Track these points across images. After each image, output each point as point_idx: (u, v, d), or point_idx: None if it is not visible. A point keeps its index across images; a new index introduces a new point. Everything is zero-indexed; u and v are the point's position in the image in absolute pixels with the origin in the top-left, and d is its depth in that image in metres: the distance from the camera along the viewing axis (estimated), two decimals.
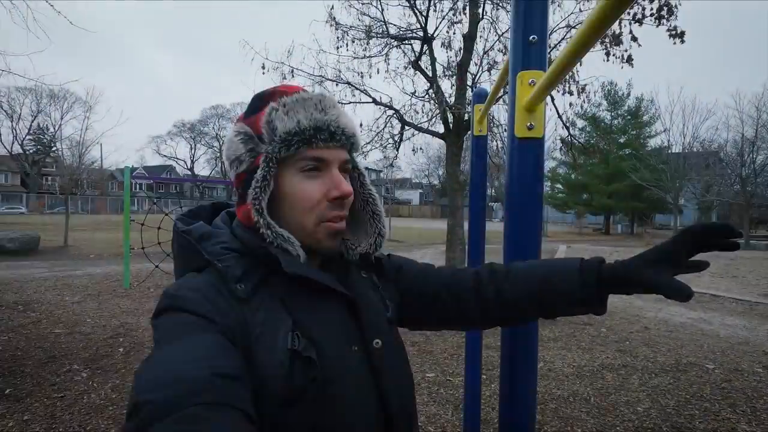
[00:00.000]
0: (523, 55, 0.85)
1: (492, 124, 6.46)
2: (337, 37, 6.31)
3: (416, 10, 5.91)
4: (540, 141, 0.87)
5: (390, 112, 6.34)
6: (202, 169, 57.09)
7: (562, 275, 0.67)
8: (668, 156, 24.09)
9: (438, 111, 5.97)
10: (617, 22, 5.56)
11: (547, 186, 32.32)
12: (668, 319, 5.45)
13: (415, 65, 6.12)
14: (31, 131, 40.13)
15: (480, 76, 6.22)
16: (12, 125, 37.37)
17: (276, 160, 0.60)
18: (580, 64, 5.85)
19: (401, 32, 6.25)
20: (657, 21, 5.29)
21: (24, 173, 41.38)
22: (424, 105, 6.51)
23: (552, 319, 5.16)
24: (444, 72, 6.41)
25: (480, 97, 1.51)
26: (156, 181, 45.06)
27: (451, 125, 5.86)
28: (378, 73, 6.55)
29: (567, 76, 5.86)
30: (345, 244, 0.70)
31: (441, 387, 3.17)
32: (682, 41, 5.34)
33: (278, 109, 0.61)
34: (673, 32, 5.28)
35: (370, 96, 6.24)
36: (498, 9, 5.93)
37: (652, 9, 5.28)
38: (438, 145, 35.74)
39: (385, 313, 0.71)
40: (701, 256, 0.59)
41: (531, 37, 0.84)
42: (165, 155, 56.16)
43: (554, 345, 4.25)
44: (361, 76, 6.40)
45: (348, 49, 6.33)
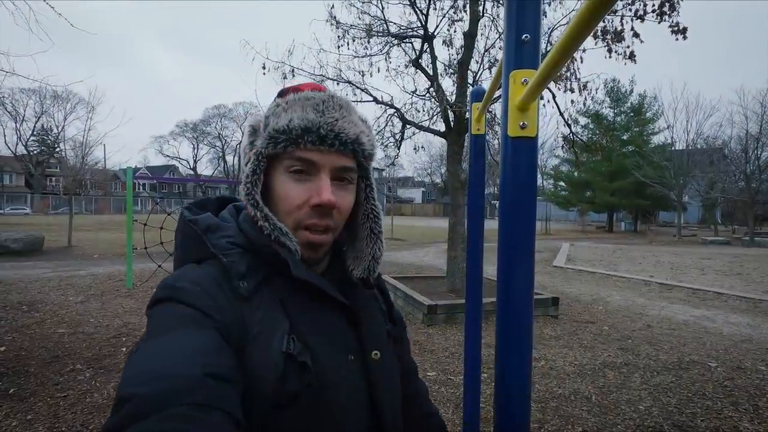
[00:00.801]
0: (515, 54, 0.85)
1: (493, 122, 6.44)
2: (338, 36, 6.30)
3: (417, 9, 5.89)
4: (533, 140, 0.87)
5: (391, 110, 6.34)
6: (205, 169, 57.29)
7: None
8: (672, 153, 23.97)
9: (439, 109, 5.96)
10: (619, 19, 5.54)
11: (550, 184, 32.23)
12: (671, 317, 5.42)
13: (416, 64, 6.11)
14: (34, 132, 40.33)
15: (481, 74, 6.20)
16: (16, 126, 37.54)
17: (264, 156, 0.60)
18: (581, 61, 5.82)
19: (402, 31, 6.24)
20: (659, 17, 5.25)
21: (28, 174, 41.60)
22: (425, 103, 6.51)
23: (554, 317, 5.15)
24: (445, 70, 6.39)
25: (477, 95, 1.50)
26: (159, 181, 45.25)
27: (452, 123, 5.84)
28: (379, 71, 6.54)
29: (569, 74, 5.84)
30: (345, 264, 0.69)
31: (442, 386, 3.17)
32: (685, 37, 5.30)
33: (279, 105, 0.61)
34: (675, 28, 5.25)
35: (371, 95, 6.23)
36: (499, 6, 5.90)
37: (653, 5, 5.25)
38: (440, 143, 35.71)
39: (385, 325, 0.71)
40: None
41: (524, 36, 0.83)
42: (168, 155, 56.39)
43: (556, 343, 4.24)
44: (362, 75, 6.39)
45: (349, 48, 6.33)
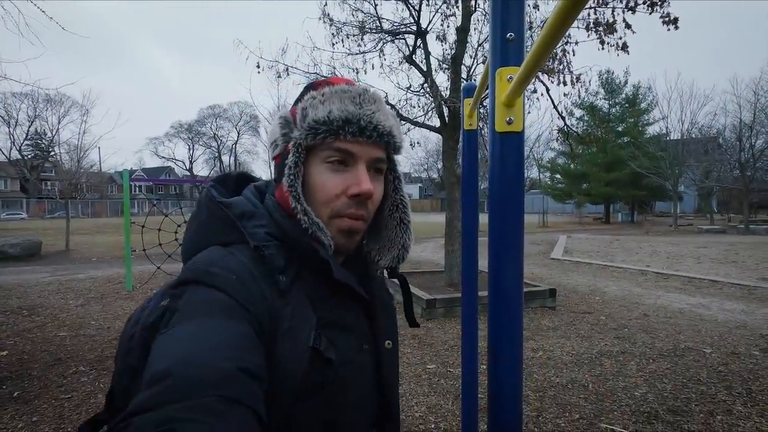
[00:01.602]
0: (501, 52, 0.88)
1: (487, 117, 6.47)
2: (332, 34, 6.30)
3: (409, 5, 5.90)
4: (520, 134, 0.90)
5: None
6: (201, 170, 57.13)
7: None
8: (667, 143, 24.07)
9: (434, 105, 5.98)
10: (611, 10, 5.55)
11: (546, 176, 32.31)
12: (667, 306, 5.49)
13: (410, 60, 6.12)
14: (28, 136, 40.14)
15: (475, 68, 6.23)
16: (9, 131, 37.38)
17: (303, 147, 0.60)
18: (573, 54, 5.85)
19: (395, 27, 6.24)
20: (650, 8, 5.28)
21: (23, 179, 41.39)
22: (419, 99, 6.52)
23: (552, 308, 5.20)
24: (439, 65, 6.41)
25: (469, 91, 1.53)
26: (155, 183, 45.05)
27: (446, 119, 5.87)
28: (373, 68, 6.55)
29: (561, 67, 5.86)
30: (368, 253, 0.70)
31: (441, 378, 3.22)
32: (676, 27, 5.33)
33: (316, 97, 0.61)
34: (667, 19, 5.27)
35: None
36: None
37: None
38: (436, 138, 35.68)
39: (396, 315, 0.74)
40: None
41: (508, 34, 0.86)
42: (163, 157, 56.22)
43: (553, 334, 4.30)
44: (356, 73, 6.40)
45: (344, 45, 6.33)
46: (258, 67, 6.13)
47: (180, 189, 52.76)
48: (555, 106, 6.21)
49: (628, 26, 5.55)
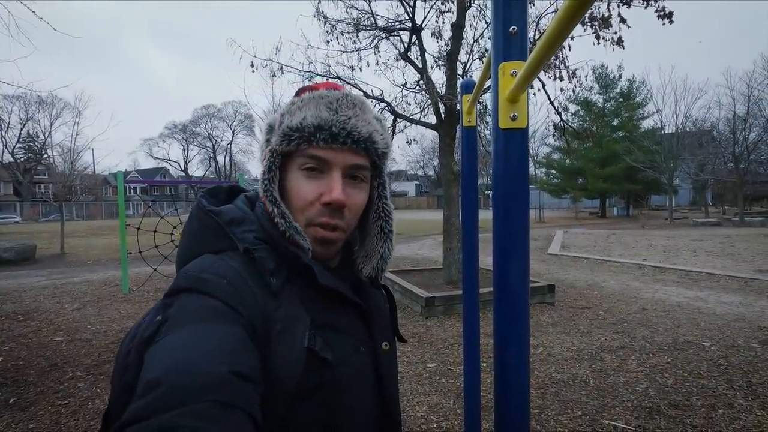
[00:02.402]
0: (504, 46, 0.85)
1: (485, 113, 6.45)
2: (326, 31, 6.26)
3: (404, 1, 5.86)
4: (524, 131, 0.88)
5: (382, 105, 6.32)
6: (196, 170, 56.83)
7: None
8: (661, 137, 24.17)
9: (430, 102, 5.95)
10: (606, 5, 5.54)
11: (542, 172, 32.37)
12: (665, 299, 5.51)
13: (405, 57, 6.09)
14: (20, 139, 39.76)
15: (471, 65, 6.20)
16: (1, 134, 37.02)
17: (279, 153, 0.61)
18: (569, 49, 5.83)
19: (390, 24, 6.21)
20: (645, 2, 5.27)
21: (16, 182, 41.04)
22: (415, 96, 6.49)
23: (551, 304, 5.20)
24: (435, 62, 6.38)
25: (467, 87, 1.50)
26: (150, 184, 44.78)
27: (443, 116, 5.84)
28: (368, 66, 6.52)
29: (557, 62, 5.85)
30: (356, 260, 0.70)
31: (442, 377, 3.21)
32: (671, 21, 5.33)
33: (295, 104, 0.62)
34: (662, 13, 5.27)
35: (360, 90, 6.20)
36: None
37: None
38: (432, 136, 35.64)
39: (390, 318, 0.73)
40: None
41: (511, 28, 0.84)
42: (158, 158, 55.85)
43: (553, 330, 4.29)
44: (352, 70, 6.36)
45: (338, 42, 6.29)
46: (252, 66, 6.08)
47: (175, 190, 52.51)
48: (551, 102, 6.20)
49: (623, 20, 5.55)
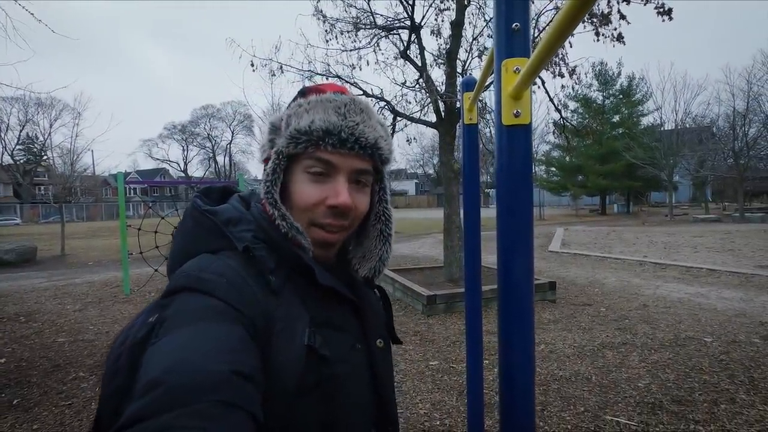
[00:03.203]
0: (506, 43, 0.85)
1: (484, 111, 6.45)
2: (326, 30, 6.25)
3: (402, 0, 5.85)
4: (527, 127, 0.88)
5: (381, 103, 6.31)
6: (196, 171, 56.82)
7: None
8: (661, 133, 24.16)
9: (429, 100, 5.95)
10: (606, 1, 5.53)
11: (542, 170, 32.38)
12: (666, 296, 5.51)
13: (405, 55, 6.08)
14: (20, 141, 39.73)
15: (470, 62, 6.19)
16: (1, 136, 37.00)
17: (285, 155, 0.61)
18: (570, 46, 5.82)
19: (389, 22, 6.20)
20: None
21: (16, 184, 41.03)
22: (415, 95, 6.49)
23: (552, 301, 5.21)
24: (434, 60, 6.37)
25: (468, 85, 1.50)
26: (150, 185, 44.82)
27: (443, 114, 5.84)
28: (368, 64, 6.50)
29: (557, 59, 5.84)
30: (351, 260, 0.72)
31: (445, 374, 3.21)
32: (670, 18, 5.32)
33: (302, 105, 0.62)
34: (661, 9, 5.26)
35: (360, 89, 6.19)
36: None
37: None
38: (431, 134, 35.66)
39: (384, 315, 0.74)
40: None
41: (514, 24, 0.84)
42: (157, 158, 55.86)
43: (555, 327, 4.30)
44: (351, 69, 6.35)
45: (338, 41, 6.28)
46: (252, 65, 6.07)
47: (175, 190, 52.47)
48: (551, 99, 6.20)
49: (622, 17, 5.54)
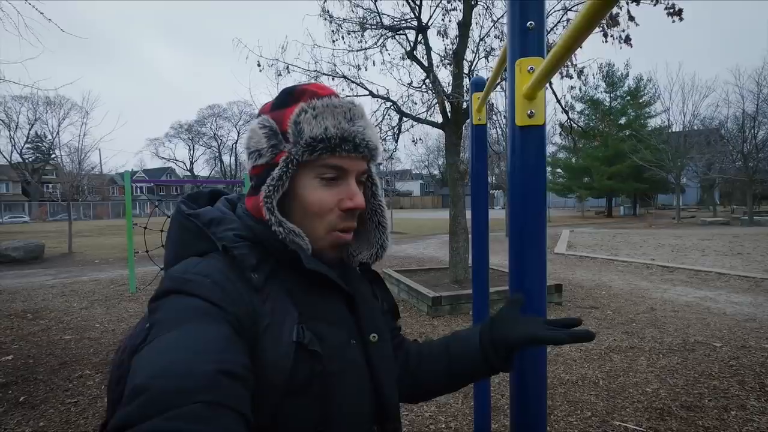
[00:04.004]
0: (520, 41, 0.84)
1: (491, 112, 6.41)
2: (332, 31, 6.24)
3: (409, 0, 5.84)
4: (541, 128, 0.87)
5: (387, 104, 6.30)
6: (202, 170, 57.18)
7: (466, 358, 0.73)
8: (669, 135, 23.94)
9: (436, 101, 5.92)
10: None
11: (548, 171, 32.19)
12: (674, 299, 5.45)
13: (411, 55, 6.06)
14: (29, 140, 40.19)
15: (477, 63, 6.17)
16: (10, 134, 37.42)
17: (297, 162, 0.61)
18: (580, 48, 5.78)
19: (395, 22, 6.18)
20: (654, 0, 5.21)
21: (25, 182, 41.49)
22: (422, 95, 6.46)
23: (558, 304, 5.17)
24: (441, 61, 6.35)
25: (478, 85, 1.49)
26: (156, 184, 45.15)
27: (449, 114, 5.81)
28: (374, 65, 6.49)
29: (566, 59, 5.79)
30: (348, 249, 0.71)
31: None
32: (681, 19, 5.26)
33: (307, 111, 0.61)
34: (671, 10, 5.20)
35: (366, 89, 6.18)
36: None
37: None
38: (437, 135, 35.60)
39: (380, 307, 0.73)
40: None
41: (528, 23, 0.82)
42: (164, 158, 56.24)
43: None
44: (358, 69, 6.34)
45: (344, 42, 6.28)
46: (259, 65, 6.08)
47: (181, 189, 52.77)
48: (558, 100, 6.15)
49: (631, 18, 5.49)
